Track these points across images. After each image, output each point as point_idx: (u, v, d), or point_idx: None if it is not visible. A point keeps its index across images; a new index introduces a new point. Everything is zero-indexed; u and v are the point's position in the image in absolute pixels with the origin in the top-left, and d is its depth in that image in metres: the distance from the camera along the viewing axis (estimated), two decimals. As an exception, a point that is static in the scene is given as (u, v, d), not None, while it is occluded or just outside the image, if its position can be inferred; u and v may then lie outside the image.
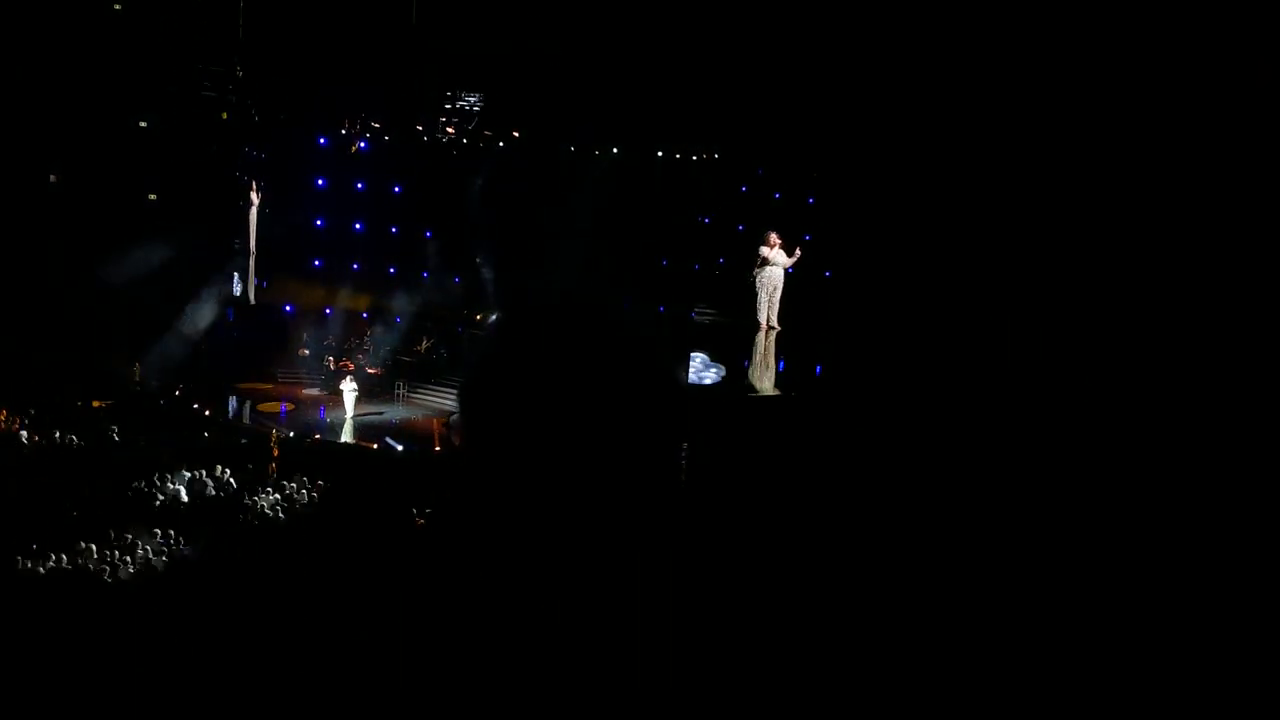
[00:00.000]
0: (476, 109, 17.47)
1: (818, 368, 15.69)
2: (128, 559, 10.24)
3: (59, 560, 9.85)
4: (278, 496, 12.50)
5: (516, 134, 17.96)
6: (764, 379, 15.15)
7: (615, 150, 17.52)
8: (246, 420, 16.91)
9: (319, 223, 20.12)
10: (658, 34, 12.82)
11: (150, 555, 10.31)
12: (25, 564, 9.64)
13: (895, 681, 1.36)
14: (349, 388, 17.12)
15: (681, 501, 1.13)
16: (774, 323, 15.88)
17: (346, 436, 16.18)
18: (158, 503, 12.05)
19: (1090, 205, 9.55)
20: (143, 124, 16.94)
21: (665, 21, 12.69)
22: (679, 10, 12.55)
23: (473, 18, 14.47)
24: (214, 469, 13.11)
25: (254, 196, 17.80)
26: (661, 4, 12.74)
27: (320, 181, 19.63)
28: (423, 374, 19.51)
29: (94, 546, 10.31)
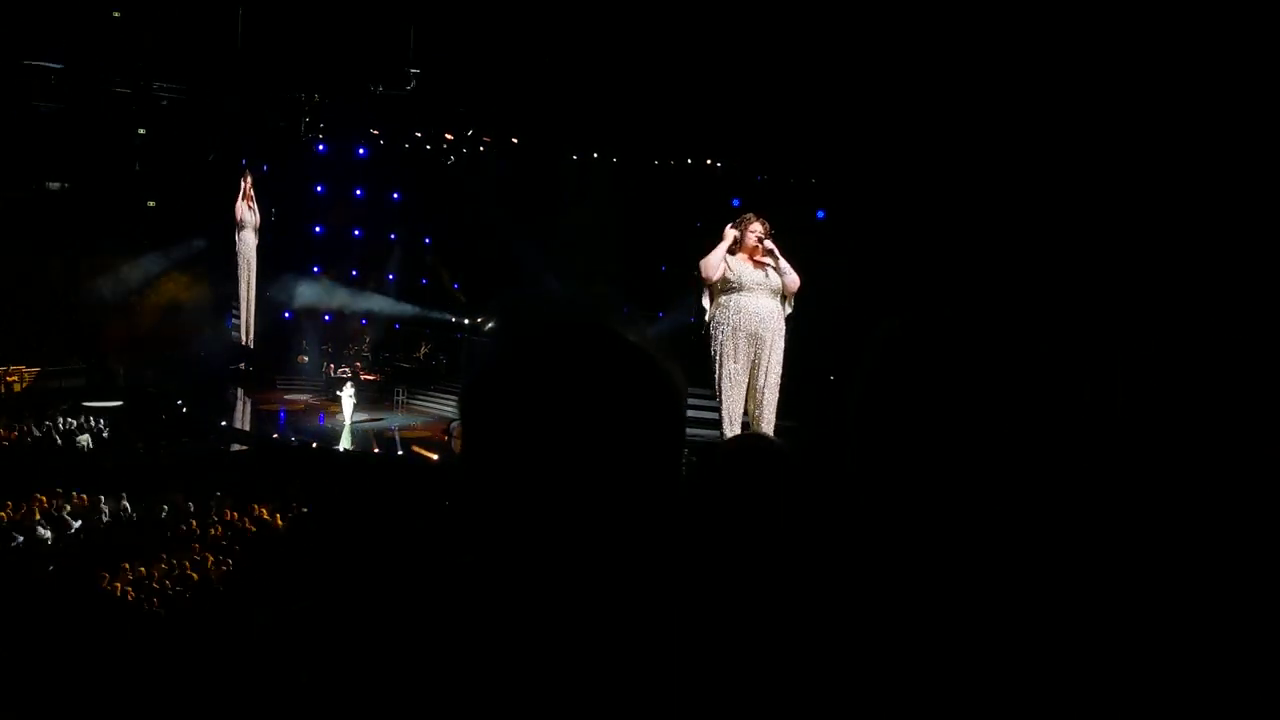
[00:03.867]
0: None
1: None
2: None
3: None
4: None
5: (515, 140, 17.98)
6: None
7: (615, 159, 17.52)
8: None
9: (318, 229, 20.21)
10: (658, 40, 12.83)
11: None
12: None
13: (897, 683, 1.36)
14: (348, 394, 17.13)
15: (682, 509, 1.13)
16: (761, 418, 7.93)
17: (345, 443, 16.18)
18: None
19: (1098, 211, 9.58)
20: (141, 131, 16.96)
21: (665, 27, 12.70)
22: (679, 16, 12.57)
23: (471, 24, 14.50)
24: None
25: (247, 209, 17.33)
26: (662, 10, 12.76)
27: (319, 188, 19.71)
28: (422, 380, 19.53)
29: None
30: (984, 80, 10.55)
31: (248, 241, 16.98)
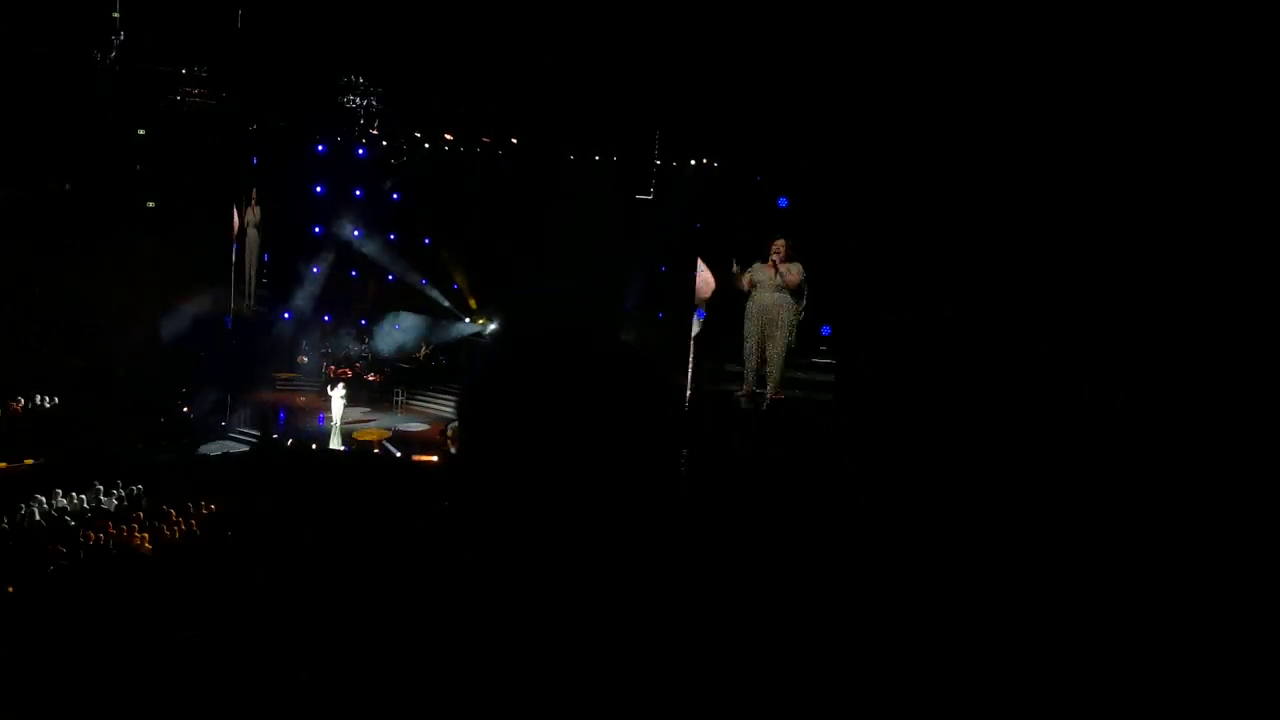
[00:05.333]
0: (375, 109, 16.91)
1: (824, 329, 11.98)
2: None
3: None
4: None
5: (515, 140, 17.98)
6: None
7: (615, 157, 17.53)
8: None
9: (318, 230, 20.20)
10: (657, 39, 12.83)
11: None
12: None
13: (897, 683, 1.36)
14: (338, 394, 17.09)
15: (680, 510, 1.13)
16: (772, 387, 10.90)
17: (335, 443, 16.18)
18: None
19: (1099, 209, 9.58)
20: (140, 131, 16.97)
21: (664, 27, 12.70)
22: (677, 16, 12.56)
23: (471, 24, 14.49)
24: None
25: (250, 211, 17.37)
26: (660, 10, 12.75)
27: (319, 189, 19.70)
28: (422, 381, 19.54)
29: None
30: (985, 79, 10.54)
31: (250, 234, 18.30)
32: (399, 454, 15.63)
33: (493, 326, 19.45)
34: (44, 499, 11.43)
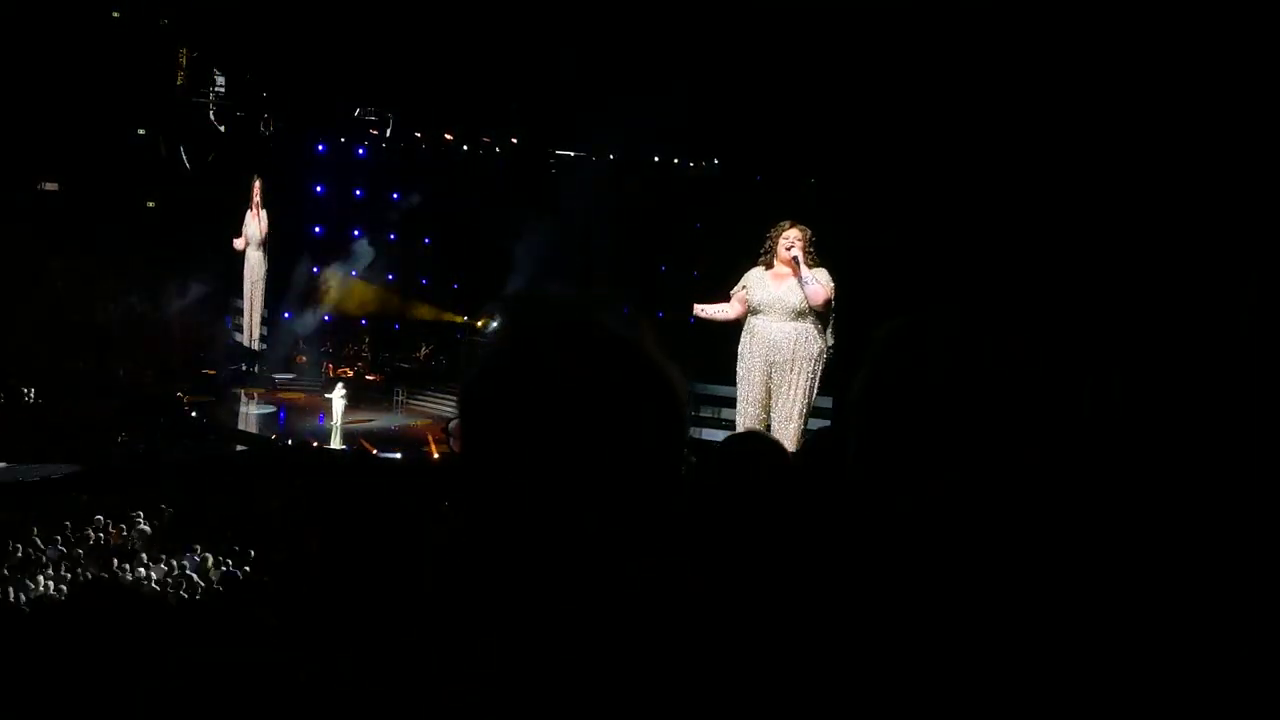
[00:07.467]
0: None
1: None
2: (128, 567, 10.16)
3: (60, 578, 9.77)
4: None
5: (515, 140, 18.00)
6: None
7: (613, 156, 17.55)
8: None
9: (318, 230, 20.22)
10: (655, 39, 12.83)
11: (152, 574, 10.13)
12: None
13: (898, 684, 1.36)
14: (338, 394, 17.07)
15: (684, 510, 1.13)
16: (789, 434, 7.25)
17: (335, 443, 16.18)
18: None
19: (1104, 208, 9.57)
20: (140, 131, 16.96)
21: (662, 26, 12.70)
22: (675, 15, 12.56)
23: (470, 22, 14.49)
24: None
25: (254, 221, 17.29)
26: (658, 9, 12.76)
27: (319, 189, 19.73)
28: (422, 381, 19.56)
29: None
30: (984, 77, 10.54)
31: (252, 258, 17.12)
32: (398, 456, 15.61)
33: (494, 324, 19.37)
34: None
